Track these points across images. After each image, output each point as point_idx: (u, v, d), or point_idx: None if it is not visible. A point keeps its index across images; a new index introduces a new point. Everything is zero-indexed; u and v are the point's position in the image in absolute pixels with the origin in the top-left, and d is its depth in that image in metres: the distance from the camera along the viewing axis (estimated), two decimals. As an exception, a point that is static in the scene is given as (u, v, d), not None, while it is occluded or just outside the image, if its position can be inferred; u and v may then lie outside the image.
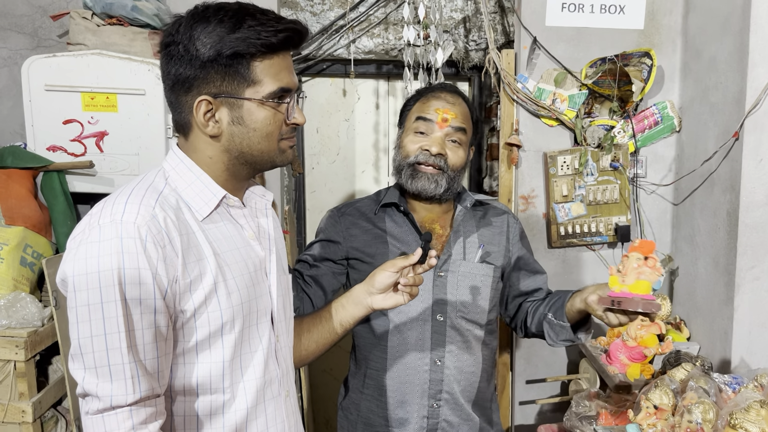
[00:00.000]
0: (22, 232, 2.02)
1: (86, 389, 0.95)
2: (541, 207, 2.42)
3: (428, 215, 1.65)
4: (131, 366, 0.94)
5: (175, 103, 1.08)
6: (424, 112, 1.59)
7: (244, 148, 1.08)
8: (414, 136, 1.59)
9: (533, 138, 2.39)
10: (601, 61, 2.31)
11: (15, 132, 2.36)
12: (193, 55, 1.02)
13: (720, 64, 2.07)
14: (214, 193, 1.08)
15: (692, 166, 2.24)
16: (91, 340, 0.93)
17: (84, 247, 0.95)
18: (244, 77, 1.04)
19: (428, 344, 1.56)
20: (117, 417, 0.94)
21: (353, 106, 3.00)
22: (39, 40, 2.38)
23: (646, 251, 1.33)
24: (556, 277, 2.44)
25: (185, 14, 1.05)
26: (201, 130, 1.06)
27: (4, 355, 1.82)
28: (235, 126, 1.06)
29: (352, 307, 1.34)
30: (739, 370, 1.98)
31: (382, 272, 1.30)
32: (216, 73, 1.03)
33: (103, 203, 1.00)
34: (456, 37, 2.72)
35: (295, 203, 2.96)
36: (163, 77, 1.08)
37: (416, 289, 1.32)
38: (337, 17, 2.65)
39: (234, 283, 1.05)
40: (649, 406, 1.67)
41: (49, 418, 1.98)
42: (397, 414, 1.58)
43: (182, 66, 1.03)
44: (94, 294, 0.93)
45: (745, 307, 1.97)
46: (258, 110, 1.06)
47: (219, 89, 1.04)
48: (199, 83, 1.04)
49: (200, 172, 1.08)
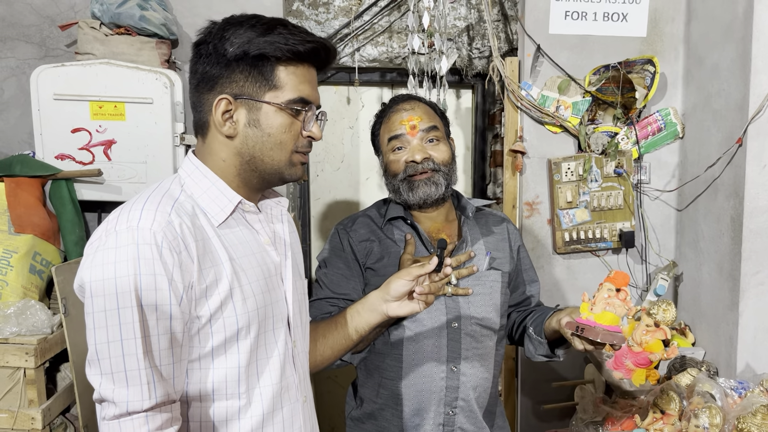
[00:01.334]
0: (31, 240, 2.03)
1: (103, 395, 0.95)
2: (546, 213, 2.44)
3: (433, 225, 1.65)
4: (147, 372, 0.95)
5: (197, 103, 1.10)
6: (392, 131, 1.61)
7: (256, 152, 1.08)
8: (394, 154, 1.61)
9: (537, 145, 2.41)
10: (604, 68, 2.33)
11: (23, 141, 2.38)
12: (221, 53, 1.04)
13: (722, 71, 2.09)
14: (229, 199, 1.09)
15: (696, 172, 2.26)
16: (108, 345, 0.94)
17: (101, 254, 0.96)
18: (266, 80, 1.06)
19: (444, 352, 1.56)
20: (133, 423, 0.95)
21: (357, 113, 3.02)
22: (47, 50, 2.40)
23: (619, 283, 1.36)
24: (561, 283, 2.46)
25: (222, 20, 1.08)
26: (217, 129, 1.07)
27: (14, 362, 1.83)
28: (251, 128, 1.07)
29: (368, 313, 1.35)
30: (744, 375, 1.98)
31: (398, 280, 1.31)
32: (240, 73, 1.05)
33: (119, 210, 1.01)
34: (459, 45, 2.74)
35: (300, 210, 2.97)
36: (190, 77, 1.10)
37: (432, 298, 1.33)
38: (341, 26, 2.67)
39: (250, 288, 1.06)
40: (656, 411, 1.68)
41: (58, 425, 1.99)
42: (413, 422, 1.58)
43: (209, 64, 1.06)
44: (110, 300, 0.94)
45: (750, 312, 1.98)
46: (275, 115, 1.07)
47: (241, 90, 1.06)
48: (222, 82, 1.06)
49: (215, 179, 1.09)
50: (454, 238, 1.66)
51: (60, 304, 1.90)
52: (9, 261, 1.95)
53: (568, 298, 2.47)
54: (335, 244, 1.66)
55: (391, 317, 1.34)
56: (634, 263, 2.47)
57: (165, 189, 1.06)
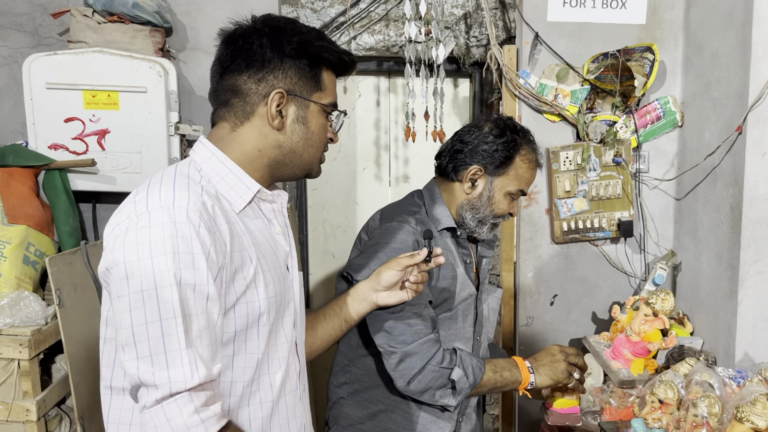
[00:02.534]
0: (25, 231, 2.02)
1: (142, 379, 0.92)
2: (544, 203, 2.42)
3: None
4: (189, 351, 0.92)
5: (238, 90, 1.09)
6: (525, 185, 1.65)
7: (298, 147, 1.12)
8: (506, 199, 1.62)
9: (535, 134, 2.34)
10: (603, 56, 2.31)
11: (16, 131, 2.36)
12: (279, 48, 1.07)
13: (722, 59, 2.07)
14: (249, 187, 1.09)
15: (695, 161, 2.24)
16: (146, 326, 0.91)
17: (134, 234, 0.93)
18: (315, 81, 1.12)
19: None
20: (177, 403, 0.91)
21: (354, 103, 3.00)
22: (39, 39, 2.37)
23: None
24: (559, 273, 2.44)
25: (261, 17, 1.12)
26: (268, 121, 1.09)
27: (8, 353, 1.82)
28: (298, 124, 1.11)
29: (357, 303, 1.39)
30: (743, 364, 1.98)
31: (389, 270, 1.35)
32: (295, 71, 1.09)
33: (144, 192, 0.99)
34: (457, 33, 2.71)
35: (297, 201, 2.96)
36: (229, 63, 1.09)
37: (421, 286, 1.38)
38: (337, 14, 2.64)
39: (270, 274, 1.08)
40: (654, 401, 1.67)
41: (53, 416, 1.98)
42: (428, 430, 1.59)
43: (263, 56, 1.07)
44: (147, 279, 0.91)
45: (748, 301, 1.97)
46: (319, 115, 1.14)
47: (293, 86, 1.10)
48: (275, 75, 1.08)
49: (233, 166, 1.09)
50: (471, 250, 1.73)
51: (54, 295, 1.88)
52: (2, 252, 1.93)
53: (566, 288, 2.46)
54: (401, 244, 1.52)
55: (380, 306, 1.38)
56: (632, 253, 2.46)
57: (184, 173, 1.05)
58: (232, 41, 1.10)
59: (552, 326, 2.48)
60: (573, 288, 2.46)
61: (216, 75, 1.12)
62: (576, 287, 2.47)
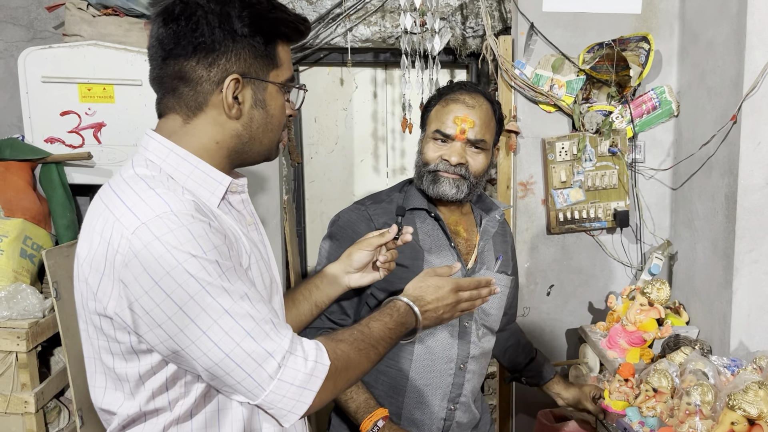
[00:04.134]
0: (22, 224, 2.03)
1: (256, 358, 0.90)
2: (540, 193, 2.42)
3: (452, 217, 1.63)
4: (270, 312, 0.93)
5: (187, 78, 0.97)
6: (442, 124, 1.55)
7: (258, 134, 1.03)
8: (434, 144, 1.57)
9: (531, 124, 2.39)
10: (598, 46, 2.31)
11: (12, 124, 2.36)
12: (229, 27, 0.95)
13: (717, 48, 2.06)
14: (219, 181, 1.01)
15: (690, 151, 2.24)
16: (227, 314, 0.89)
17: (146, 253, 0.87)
18: (271, 58, 1.01)
19: (455, 350, 1.57)
20: (293, 361, 0.92)
21: (351, 95, 3.00)
22: (35, 32, 2.37)
23: (626, 374, 1.78)
24: (556, 263, 2.45)
25: None
26: (224, 111, 0.99)
27: (5, 346, 1.83)
28: (257, 109, 1.01)
29: (328, 287, 1.33)
30: (738, 353, 1.99)
31: (359, 251, 1.31)
32: (249, 51, 0.98)
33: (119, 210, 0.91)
34: (453, 24, 2.71)
35: (294, 193, 2.96)
36: (172, 47, 0.96)
37: (393, 264, 1.34)
38: (333, 5, 2.64)
39: (257, 266, 1.04)
40: (648, 389, 1.68)
41: (51, 408, 2.00)
42: (413, 415, 1.57)
43: (212, 37, 0.95)
44: (201, 274, 0.88)
45: (743, 290, 1.97)
46: (278, 95, 1.04)
47: (248, 68, 0.99)
48: (228, 58, 0.97)
49: (197, 161, 0.99)
50: (471, 234, 1.66)
51: (51, 288, 1.89)
52: (0, 245, 1.94)
53: (563, 278, 2.46)
54: (352, 223, 1.57)
55: (352, 287, 1.34)
56: (628, 242, 2.46)
57: (147, 176, 0.96)
58: (173, 18, 0.95)
59: (549, 316, 2.49)
60: (569, 278, 2.47)
61: (157, 58, 0.98)
62: (572, 277, 2.47)
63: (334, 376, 0.96)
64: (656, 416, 1.65)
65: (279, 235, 2.58)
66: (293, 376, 0.92)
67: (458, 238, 1.62)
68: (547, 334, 2.50)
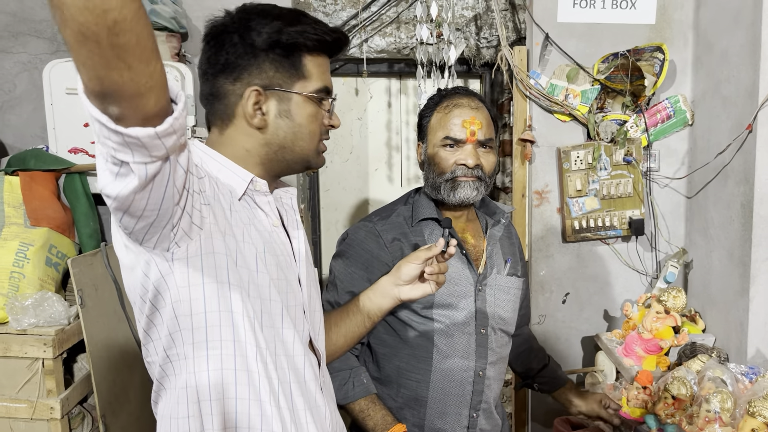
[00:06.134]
0: (47, 233, 2.06)
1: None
2: (555, 202, 2.44)
3: (459, 224, 1.65)
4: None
5: (217, 94, 1.07)
6: (450, 130, 1.56)
7: (286, 142, 1.09)
8: (445, 151, 1.57)
9: (546, 133, 2.41)
10: (613, 56, 2.33)
11: (36, 135, 2.40)
12: (249, 43, 1.03)
13: (732, 57, 2.08)
14: (242, 177, 1.07)
15: (705, 159, 2.26)
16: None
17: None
18: (296, 70, 1.06)
19: (473, 357, 1.58)
20: None
21: (366, 104, 3.03)
22: (58, 45, 2.42)
23: (644, 382, 1.84)
24: (571, 271, 2.47)
25: (236, 9, 1.07)
26: (247, 121, 1.06)
27: (32, 353, 1.86)
28: (282, 119, 1.07)
29: (380, 299, 1.36)
30: (755, 360, 1.99)
31: (408, 264, 1.32)
32: (270, 64, 1.04)
33: None
34: (467, 34, 2.74)
35: (309, 202, 2.99)
36: (207, 67, 1.07)
37: (443, 277, 1.35)
38: (349, 17, 2.68)
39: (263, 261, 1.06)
40: (668, 397, 1.69)
41: (75, 414, 2.02)
42: (435, 425, 1.58)
43: (235, 54, 1.03)
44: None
45: (760, 298, 1.98)
46: (305, 105, 1.08)
47: (270, 80, 1.05)
48: (250, 72, 1.04)
49: (224, 159, 1.07)
50: (478, 240, 1.68)
51: (76, 295, 1.92)
52: (26, 254, 1.98)
53: (578, 286, 2.48)
54: (360, 240, 1.60)
55: (403, 300, 1.36)
56: (643, 251, 2.48)
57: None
58: (206, 42, 1.07)
59: (564, 324, 2.50)
60: (585, 286, 2.49)
61: (201, 78, 1.10)
62: (588, 285, 2.49)
63: None
64: (675, 423, 1.66)
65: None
66: None
67: (466, 245, 1.64)
68: (562, 342, 2.51)
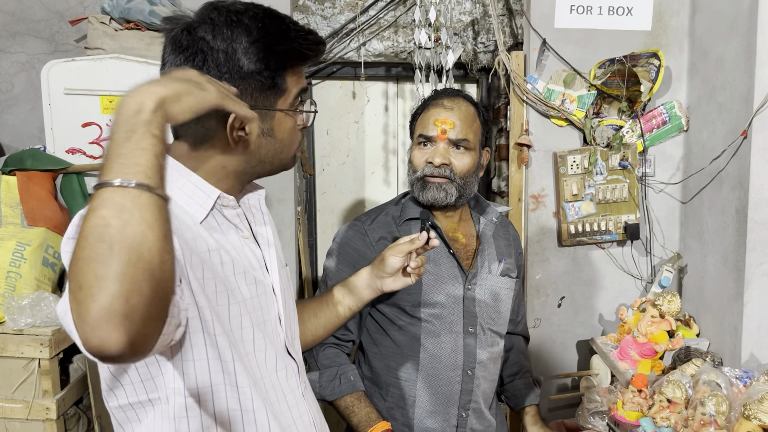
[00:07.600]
0: (44, 233, 2.06)
1: None
2: (551, 206, 2.46)
3: (450, 224, 1.66)
4: None
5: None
6: (424, 128, 1.59)
7: (267, 158, 1.04)
8: (419, 149, 1.61)
9: (543, 138, 2.43)
10: (609, 62, 2.35)
11: (33, 135, 2.40)
12: (235, 65, 0.95)
13: (727, 64, 2.10)
14: (207, 194, 0.99)
15: (700, 165, 2.28)
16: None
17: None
18: (279, 88, 1.00)
19: (461, 356, 1.58)
20: None
21: (363, 108, 3.04)
22: (56, 45, 2.42)
23: (639, 386, 1.82)
24: (567, 275, 2.48)
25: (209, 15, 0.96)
26: (228, 141, 0.97)
27: (29, 353, 1.85)
28: (264, 138, 1.01)
29: (362, 290, 1.38)
30: (749, 365, 2.01)
31: (392, 257, 1.34)
32: (255, 84, 0.98)
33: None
34: (465, 39, 2.75)
35: (306, 204, 3.00)
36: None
37: (423, 269, 1.39)
38: (347, 21, 2.69)
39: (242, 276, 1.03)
40: (663, 400, 1.70)
41: (71, 415, 2.02)
42: (424, 424, 1.58)
43: (216, 75, 0.95)
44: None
45: (754, 302, 2.00)
46: (285, 120, 1.04)
47: (254, 101, 0.98)
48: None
49: (187, 172, 0.98)
50: (470, 239, 1.68)
51: (73, 296, 1.91)
52: (22, 254, 1.97)
53: (574, 290, 2.49)
54: (348, 240, 1.63)
55: (385, 292, 1.39)
56: (638, 255, 2.49)
57: None
58: (181, 49, 0.96)
59: (559, 328, 2.51)
60: (580, 290, 2.50)
61: None
62: (583, 289, 2.50)
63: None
64: (670, 426, 1.67)
65: (293, 246, 2.62)
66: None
67: (457, 244, 1.64)
68: (557, 346, 2.52)
